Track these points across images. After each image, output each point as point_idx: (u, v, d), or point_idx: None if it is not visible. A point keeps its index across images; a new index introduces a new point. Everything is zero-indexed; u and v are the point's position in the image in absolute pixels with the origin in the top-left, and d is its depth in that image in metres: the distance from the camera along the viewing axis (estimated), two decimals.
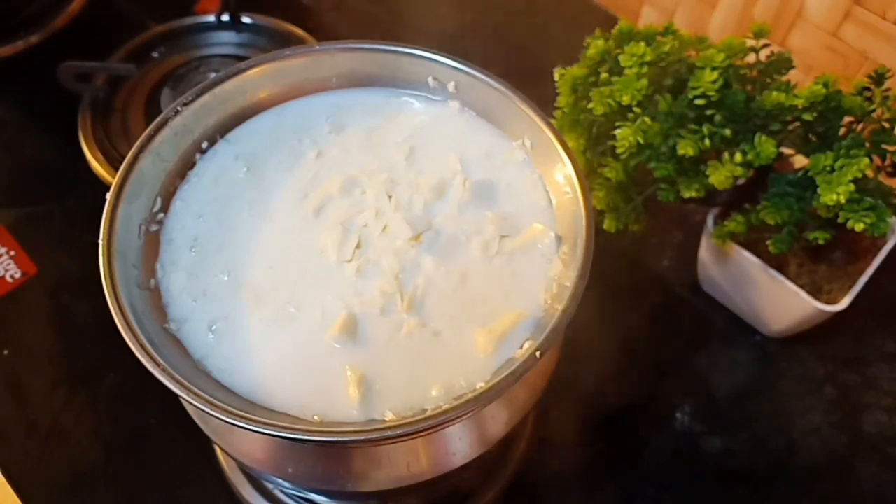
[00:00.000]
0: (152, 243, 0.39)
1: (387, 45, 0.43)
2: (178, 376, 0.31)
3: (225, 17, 0.72)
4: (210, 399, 0.31)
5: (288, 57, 0.43)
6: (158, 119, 0.39)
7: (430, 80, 0.44)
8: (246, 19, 0.73)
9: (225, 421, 0.30)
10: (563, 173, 0.38)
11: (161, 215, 0.40)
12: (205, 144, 0.42)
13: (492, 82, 0.41)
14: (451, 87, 0.43)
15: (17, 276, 0.62)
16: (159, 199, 0.40)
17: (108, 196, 0.36)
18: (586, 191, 0.37)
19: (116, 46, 0.71)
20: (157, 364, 0.32)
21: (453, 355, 0.35)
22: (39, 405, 0.57)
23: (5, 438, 0.55)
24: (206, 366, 0.35)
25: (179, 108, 0.40)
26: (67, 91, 0.66)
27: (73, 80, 0.66)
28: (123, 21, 0.78)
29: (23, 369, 0.58)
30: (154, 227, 0.39)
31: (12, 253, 0.63)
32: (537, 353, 0.32)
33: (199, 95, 0.41)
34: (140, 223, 0.38)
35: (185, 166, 0.42)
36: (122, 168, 0.37)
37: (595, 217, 0.37)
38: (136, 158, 0.38)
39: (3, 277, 0.62)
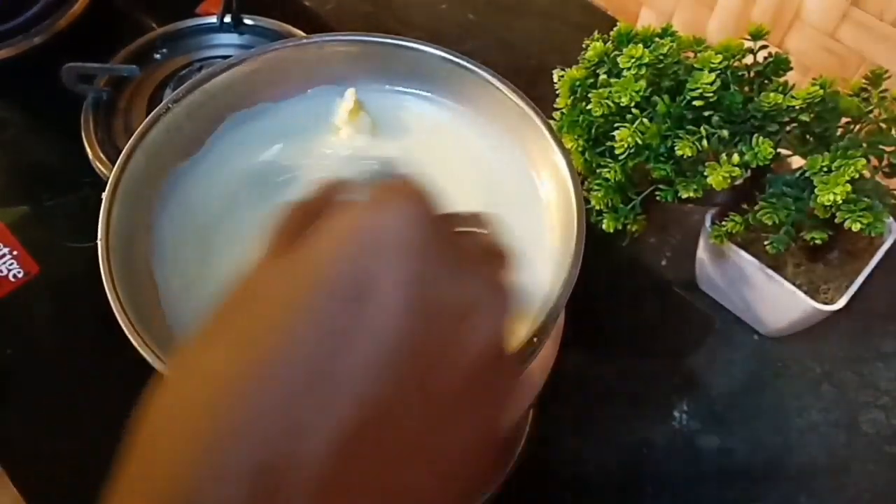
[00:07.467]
0: (151, 241, 0.39)
1: (378, 37, 0.43)
2: None
3: (227, 19, 0.72)
4: None
5: (277, 50, 0.43)
6: (150, 116, 0.39)
7: (426, 75, 0.43)
8: (248, 21, 0.73)
9: None
10: (554, 162, 0.39)
11: (159, 213, 0.40)
12: (199, 142, 0.42)
13: (478, 70, 0.41)
14: (446, 81, 0.43)
15: (20, 275, 0.62)
16: (157, 197, 0.40)
17: (104, 195, 0.37)
18: (576, 179, 0.37)
19: (119, 48, 0.71)
20: (163, 361, 0.32)
21: None
22: (41, 405, 0.57)
23: (7, 438, 0.56)
24: None
25: (170, 105, 0.40)
26: (70, 92, 0.66)
27: (76, 80, 0.66)
28: (125, 22, 0.79)
29: (25, 368, 0.59)
30: (153, 225, 0.40)
31: (15, 252, 0.63)
32: (534, 339, 0.32)
33: (189, 92, 0.41)
34: (138, 221, 0.39)
35: (180, 164, 0.42)
36: (116, 167, 0.38)
37: (585, 204, 0.37)
38: (129, 157, 0.38)
39: (6, 277, 0.62)
